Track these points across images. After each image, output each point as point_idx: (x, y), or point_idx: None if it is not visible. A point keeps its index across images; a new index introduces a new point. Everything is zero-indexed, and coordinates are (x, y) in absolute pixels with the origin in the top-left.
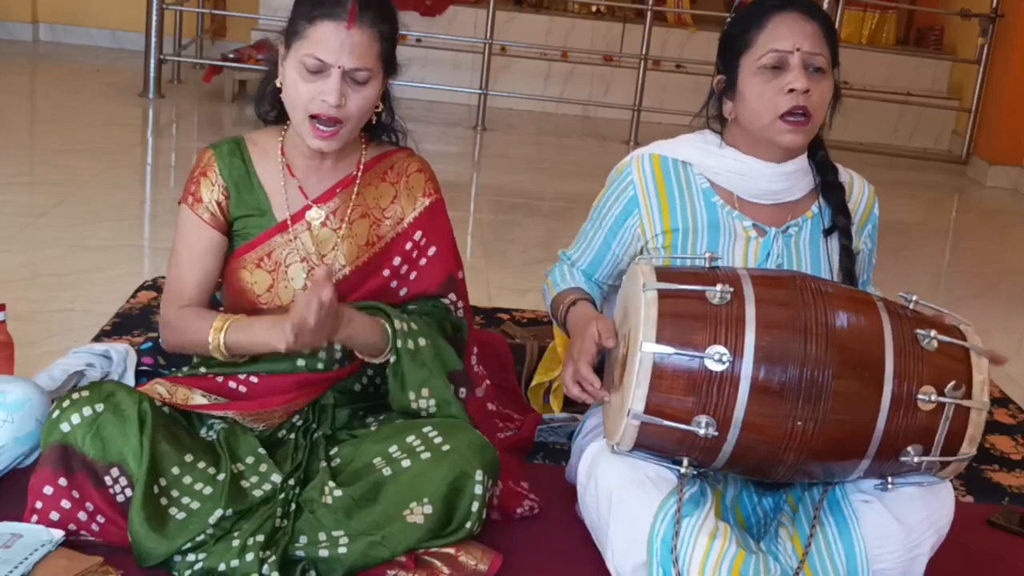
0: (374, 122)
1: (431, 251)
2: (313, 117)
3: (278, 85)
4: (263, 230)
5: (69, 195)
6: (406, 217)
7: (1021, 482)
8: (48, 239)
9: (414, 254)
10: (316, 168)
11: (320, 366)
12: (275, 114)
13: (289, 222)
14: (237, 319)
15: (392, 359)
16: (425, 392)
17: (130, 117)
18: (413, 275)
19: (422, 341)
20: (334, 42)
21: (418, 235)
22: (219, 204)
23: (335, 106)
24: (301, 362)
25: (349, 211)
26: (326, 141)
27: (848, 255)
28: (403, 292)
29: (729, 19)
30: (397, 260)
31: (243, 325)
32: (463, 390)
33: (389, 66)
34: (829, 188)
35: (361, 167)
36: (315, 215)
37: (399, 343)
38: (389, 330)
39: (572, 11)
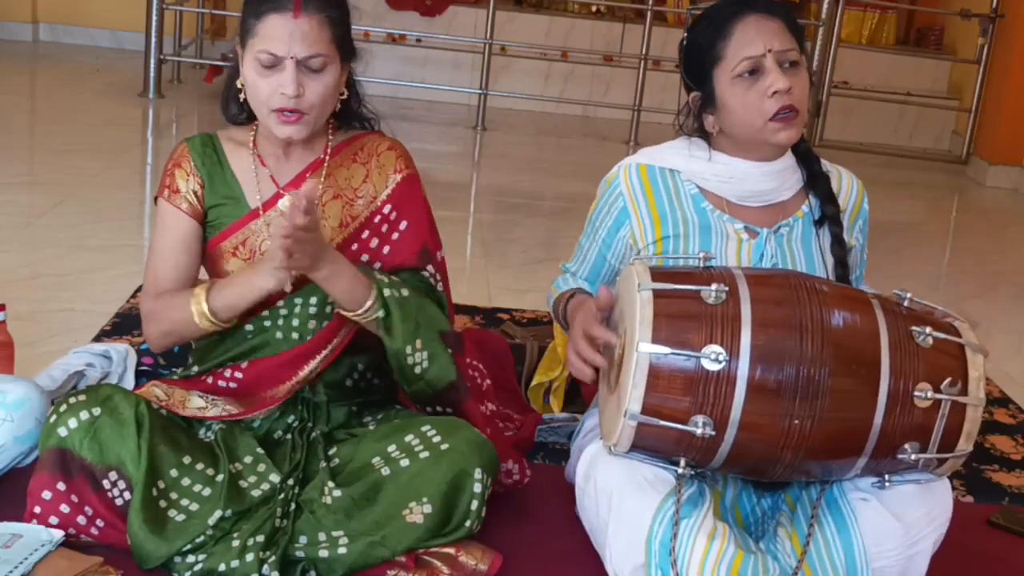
0: (338, 108)
1: (402, 225)
2: (275, 111)
3: (239, 86)
4: (236, 218)
5: (69, 195)
6: (379, 195)
7: (1021, 482)
8: (48, 239)
9: (384, 228)
10: (285, 156)
11: (295, 336)
12: (244, 116)
13: (261, 210)
14: (216, 280)
15: (380, 314)
16: (418, 344)
17: (130, 117)
18: (386, 249)
19: (405, 291)
20: (283, 33)
21: (387, 208)
22: (195, 193)
23: (294, 96)
24: (279, 334)
25: (320, 194)
26: (293, 127)
27: (839, 243)
28: (377, 266)
29: (686, 33)
30: (368, 235)
31: (224, 281)
32: (450, 350)
33: (346, 51)
34: (815, 178)
35: (328, 150)
36: (287, 203)
37: (385, 292)
38: (371, 280)
39: (572, 11)
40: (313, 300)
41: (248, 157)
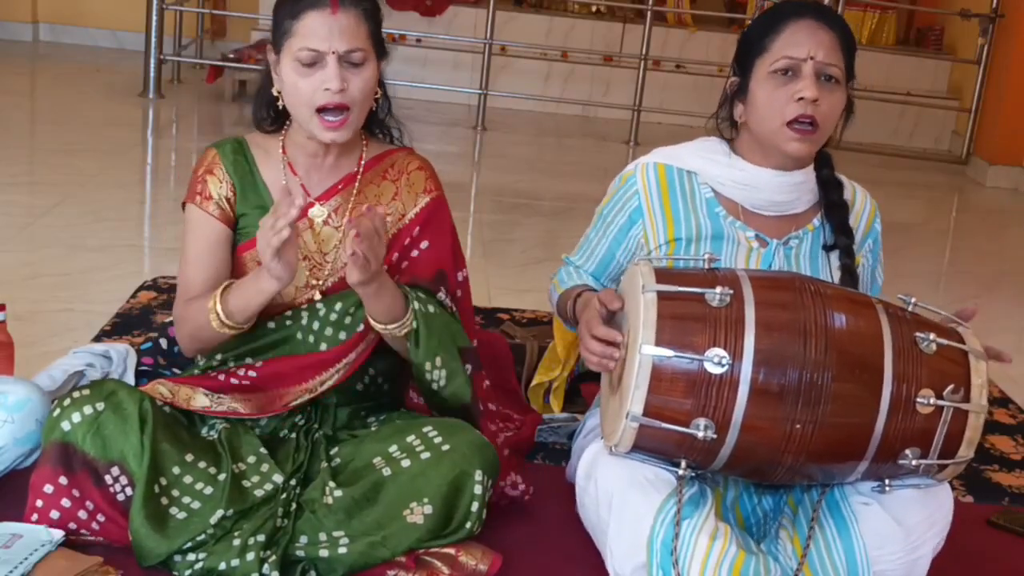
0: (374, 109)
1: (423, 244)
2: (320, 111)
3: (275, 93)
4: None
5: (69, 195)
6: (407, 214)
7: (1021, 482)
8: (48, 239)
9: (406, 243)
10: (318, 166)
11: (312, 340)
12: (271, 122)
13: None
14: (229, 283)
15: (414, 324)
16: (438, 361)
17: (130, 117)
18: (404, 264)
19: (432, 308)
20: (323, 30)
21: (416, 230)
22: (228, 200)
23: (339, 91)
24: (299, 335)
25: (350, 208)
26: (338, 131)
27: (850, 274)
28: (395, 279)
29: (749, 21)
30: (395, 256)
31: (238, 282)
32: (470, 367)
33: (380, 47)
34: (832, 207)
35: (362, 164)
36: (318, 212)
37: (416, 305)
38: (404, 294)
39: (572, 11)
40: (337, 307)
41: (278, 165)
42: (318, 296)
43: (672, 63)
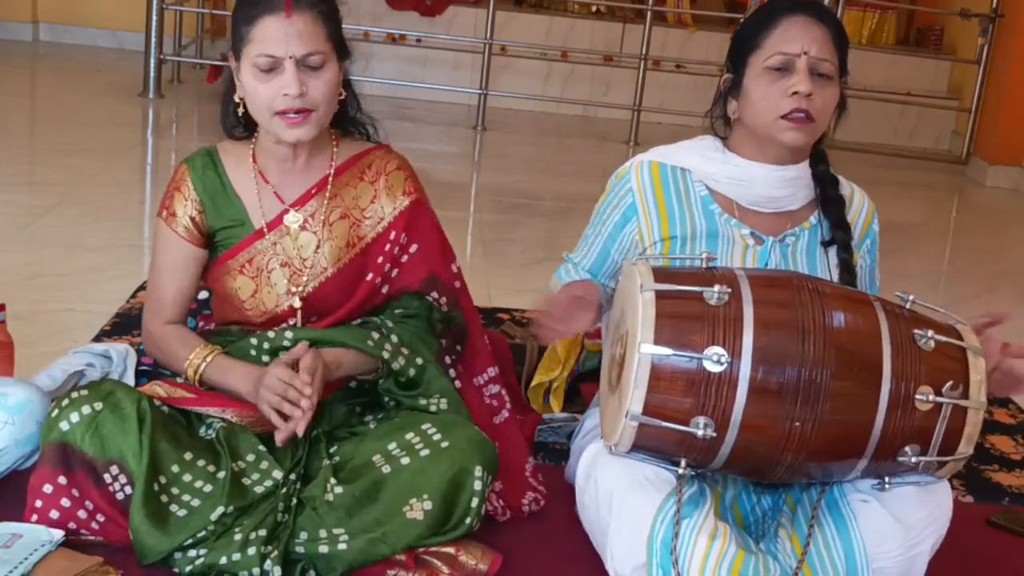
0: (337, 109)
1: (412, 248)
2: (279, 114)
3: (237, 100)
4: (242, 239)
5: (69, 195)
6: (385, 217)
7: (1021, 482)
8: (48, 239)
9: (395, 251)
10: (289, 171)
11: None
12: (242, 129)
13: (265, 229)
14: (216, 358)
15: (395, 367)
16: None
17: (130, 117)
18: (395, 272)
19: (416, 359)
20: (279, 34)
21: (401, 237)
22: (193, 219)
23: (297, 96)
24: None
25: (327, 213)
26: (300, 128)
27: (848, 269)
28: (385, 289)
29: (743, 19)
30: (380, 260)
31: (221, 369)
32: (452, 371)
33: (341, 49)
34: (829, 201)
35: (333, 167)
36: (293, 219)
37: (396, 365)
38: (375, 355)
39: (572, 11)
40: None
41: (249, 173)
42: (298, 303)
43: (672, 63)
